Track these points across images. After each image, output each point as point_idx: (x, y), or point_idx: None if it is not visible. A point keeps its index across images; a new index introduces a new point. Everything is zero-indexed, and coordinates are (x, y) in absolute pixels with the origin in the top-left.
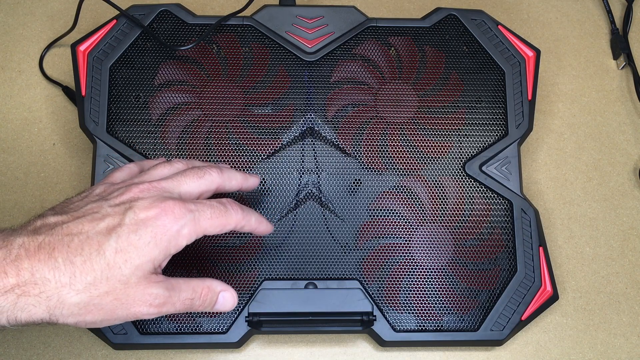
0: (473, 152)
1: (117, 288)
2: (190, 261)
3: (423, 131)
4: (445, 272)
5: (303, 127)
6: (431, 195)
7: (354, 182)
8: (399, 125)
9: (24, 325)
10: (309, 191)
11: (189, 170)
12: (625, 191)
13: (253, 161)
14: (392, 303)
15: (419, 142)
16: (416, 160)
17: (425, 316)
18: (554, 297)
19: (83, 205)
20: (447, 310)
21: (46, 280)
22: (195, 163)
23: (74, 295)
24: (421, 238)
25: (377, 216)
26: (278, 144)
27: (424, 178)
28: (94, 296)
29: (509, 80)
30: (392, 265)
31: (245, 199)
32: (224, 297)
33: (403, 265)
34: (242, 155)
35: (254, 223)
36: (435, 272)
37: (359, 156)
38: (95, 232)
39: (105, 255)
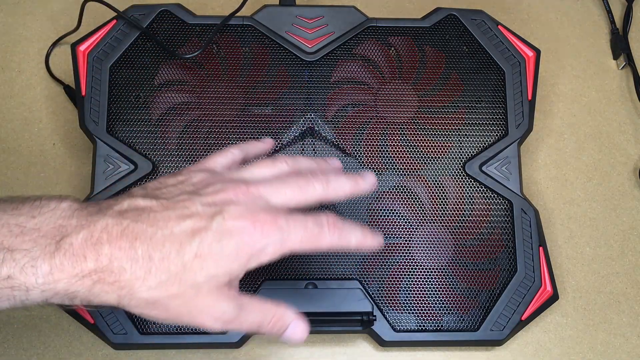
0: (473, 152)
1: (187, 293)
2: None
3: (423, 131)
4: (445, 272)
5: (303, 127)
6: (431, 195)
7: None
8: (399, 125)
9: (92, 308)
10: None
11: (291, 178)
12: (625, 191)
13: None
14: (392, 303)
15: (419, 142)
16: (416, 160)
17: (425, 316)
18: (554, 297)
19: (176, 194)
20: (447, 310)
21: (123, 270)
22: (301, 163)
23: (145, 291)
24: (421, 238)
25: (377, 216)
26: (278, 144)
27: (424, 178)
28: (163, 296)
29: (509, 80)
30: (392, 265)
31: None
32: (295, 327)
33: (403, 265)
34: None
35: (353, 243)
36: (435, 272)
37: (359, 156)
38: (179, 231)
39: (184, 258)
